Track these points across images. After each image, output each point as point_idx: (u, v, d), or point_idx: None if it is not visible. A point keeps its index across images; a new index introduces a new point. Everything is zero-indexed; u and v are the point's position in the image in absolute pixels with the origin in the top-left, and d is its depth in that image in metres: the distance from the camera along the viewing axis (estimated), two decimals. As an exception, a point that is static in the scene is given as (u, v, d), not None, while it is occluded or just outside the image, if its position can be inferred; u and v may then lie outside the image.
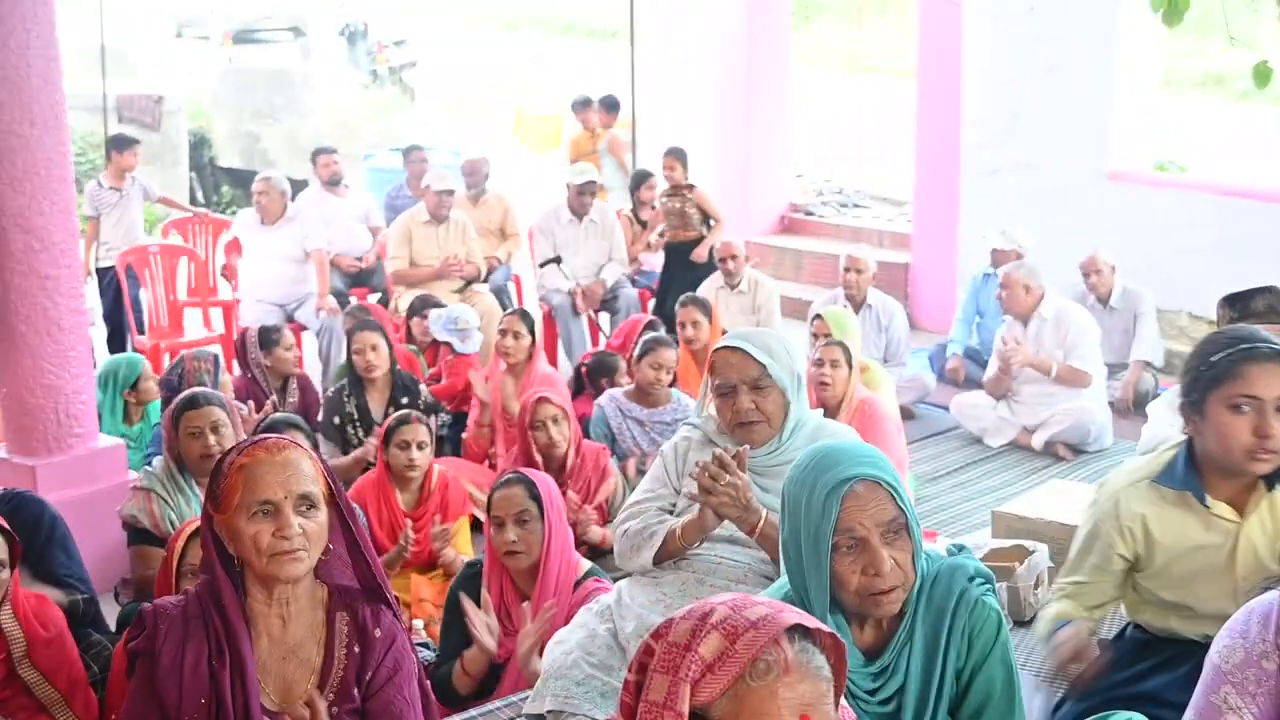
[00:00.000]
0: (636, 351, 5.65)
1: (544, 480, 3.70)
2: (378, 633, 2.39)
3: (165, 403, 5.38)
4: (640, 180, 9.15)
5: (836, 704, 1.62)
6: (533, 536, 3.54)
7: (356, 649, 2.37)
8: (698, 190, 8.57)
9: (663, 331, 6.76)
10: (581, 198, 8.17)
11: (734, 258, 7.51)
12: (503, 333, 5.92)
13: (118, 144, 8.83)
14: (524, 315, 5.99)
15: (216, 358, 5.77)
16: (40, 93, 4.80)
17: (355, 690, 2.36)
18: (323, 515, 2.33)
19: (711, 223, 8.58)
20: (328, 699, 2.33)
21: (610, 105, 10.50)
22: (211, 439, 4.21)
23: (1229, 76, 13.89)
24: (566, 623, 3.40)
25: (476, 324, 6.68)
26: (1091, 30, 8.00)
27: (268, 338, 6.05)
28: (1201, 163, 10.87)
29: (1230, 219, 7.53)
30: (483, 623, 3.46)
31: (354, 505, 2.43)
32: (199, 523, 3.33)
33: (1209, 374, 2.65)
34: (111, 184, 8.61)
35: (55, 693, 3.41)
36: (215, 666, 2.27)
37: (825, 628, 1.62)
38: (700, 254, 8.33)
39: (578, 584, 3.58)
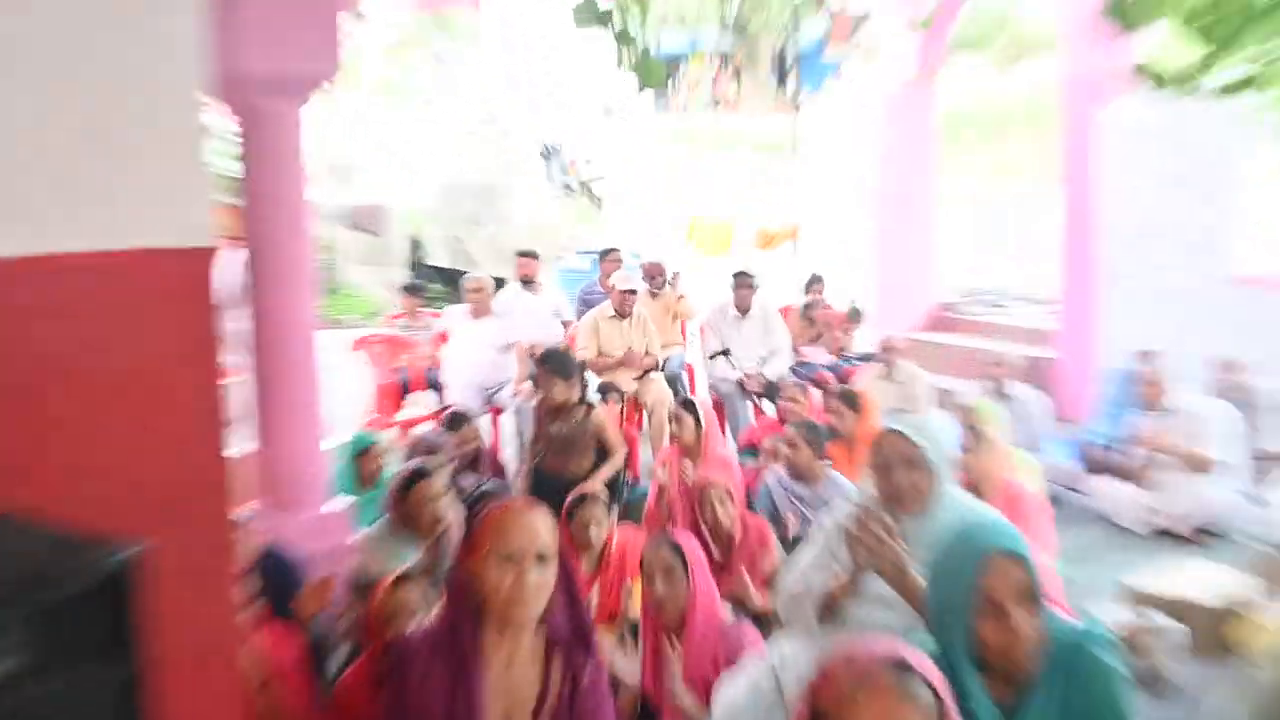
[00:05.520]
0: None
1: (687, 539, 3.81)
2: (587, 677, 2.52)
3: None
4: (813, 282, 9.37)
5: None
6: (678, 589, 3.65)
7: (568, 690, 2.50)
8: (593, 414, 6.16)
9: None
10: (739, 292, 8.30)
11: (893, 349, 7.56)
12: (672, 418, 6.06)
13: (408, 290, 9.51)
14: (687, 403, 6.11)
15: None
16: (290, 203, 5.15)
17: None
18: (552, 571, 2.47)
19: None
20: None
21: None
22: (435, 506, 4.45)
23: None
24: (714, 667, 3.50)
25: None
26: (1220, 142, 7.86)
27: (454, 423, 6.28)
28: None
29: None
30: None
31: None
32: (397, 575, 3.56)
33: None
34: (409, 322, 9.15)
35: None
36: (454, 690, 2.44)
37: (931, 670, 1.80)
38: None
39: (724, 633, 3.67)
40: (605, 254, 9.97)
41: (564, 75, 22.54)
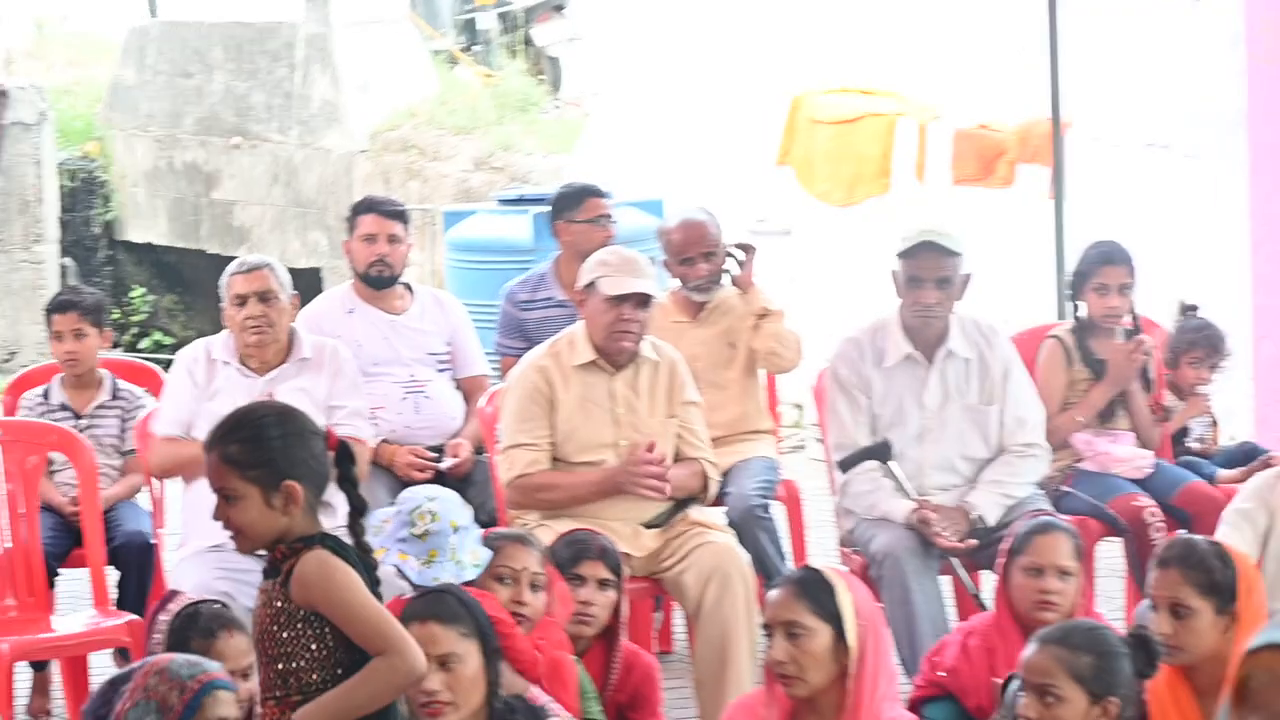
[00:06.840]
0: None
1: None
2: None
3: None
4: (1097, 267, 9.19)
5: None
6: None
7: None
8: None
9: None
10: (917, 295, 8.31)
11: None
12: (769, 625, 6.12)
13: (63, 309, 9.42)
14: (805, 588, 6.10)
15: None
16: None
17: None
18: None
19: None
20: None
21: None
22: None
23: None
24: None
25: (452, 524, 6.53)
26: None
27: (186, 635, 6.44)
28: None
29: None
30: None
31: None
32: None
33: None
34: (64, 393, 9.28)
35: None
36: None
37: None
38: None
39: None
40: (565, 203, 10.17)
41: None
